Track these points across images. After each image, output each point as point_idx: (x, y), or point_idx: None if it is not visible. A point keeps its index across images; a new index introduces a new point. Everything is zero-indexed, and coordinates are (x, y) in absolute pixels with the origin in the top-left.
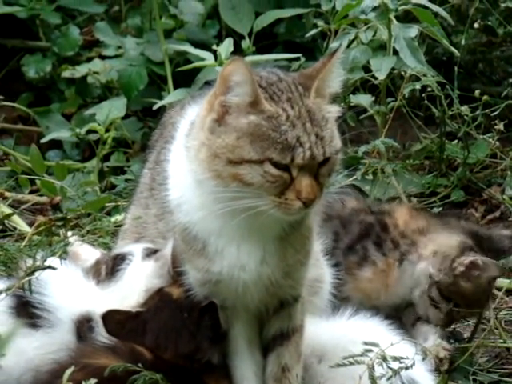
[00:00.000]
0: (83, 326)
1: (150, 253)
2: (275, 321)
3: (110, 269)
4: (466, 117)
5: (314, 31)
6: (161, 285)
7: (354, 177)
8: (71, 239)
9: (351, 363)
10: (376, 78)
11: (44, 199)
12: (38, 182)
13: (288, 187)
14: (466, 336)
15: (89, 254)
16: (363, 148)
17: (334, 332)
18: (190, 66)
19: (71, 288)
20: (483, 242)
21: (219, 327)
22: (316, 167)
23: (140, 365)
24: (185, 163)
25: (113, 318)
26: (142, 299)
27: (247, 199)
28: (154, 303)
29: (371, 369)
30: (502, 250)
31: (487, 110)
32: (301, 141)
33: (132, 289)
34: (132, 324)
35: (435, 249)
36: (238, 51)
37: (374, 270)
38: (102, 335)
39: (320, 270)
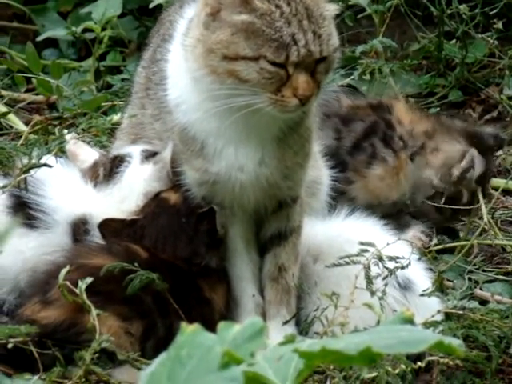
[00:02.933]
0: (79, 228)
1: (149, 155)
2: (273, 221)
3: (108, 171)
4: (464, 16)
5: None
6: (160, 188)
7: (352, 77)
8: (67, 137)
9: (347, 263)
10: None
11: (40, 98)
12: (34, 80)
13: (284, 84)
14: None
15: (87, 154)
16: (360, 48)
17: (330, 232)
18: None
19: (68, 190)
20: (481, 143)
21: (216, 232)
22: (313, 65)
23: (136, 264)
24: (182, 62)
25: (109, 226)
26: (141, 202)
27: (243, 97)
28: (150, 209)
29: (367, 268)
30: (490, 148)
31: (486, 9)
32: (296, 38)
33: (131, 192)
34: (129, 231)
35: (442, 161)
36: None
37: (385, 167)
38: (97, 238)
39: (318, 172)
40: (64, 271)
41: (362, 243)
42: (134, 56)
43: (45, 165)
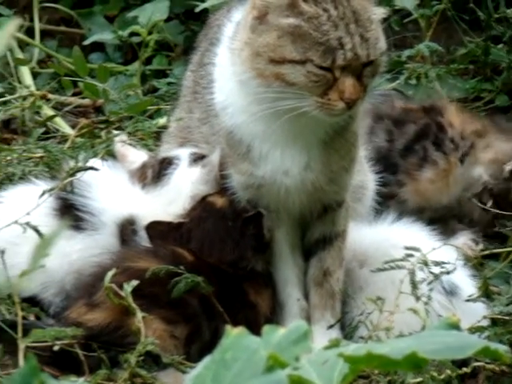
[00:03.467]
0: (126, 229)
1: (197, 158)
2: (318, 225)
3: (156, 172)
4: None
5: None
6: (207, 191)
7: (398, 81)
8: (116, 138)
9: (392, 268)
10: None
11: (87, 101)
12: (80, 84)
13: (331, 87)
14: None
15: (136, 156)
16: (407, 52)
17: (376, 237)
18: None
19: (115, 191)
20: None
21: (263, 237)
22: (360, 68)
23: (182, 267)
24: (229, 66)
25: (155, 229)
26: (188, 205)
27: (290, 100)
28: (197, 213)
29: (412, 273)
30: None
31: None
32: (343, 42)
33: (178, 194)
34: (175, 234)
35: (494, 157)
36: None
37: (436, 170)
38: (144, 239)
39: (364, 177)
40: (110, 274)
41: (407, 248)
42: (179, 60)
43: (91, 168)
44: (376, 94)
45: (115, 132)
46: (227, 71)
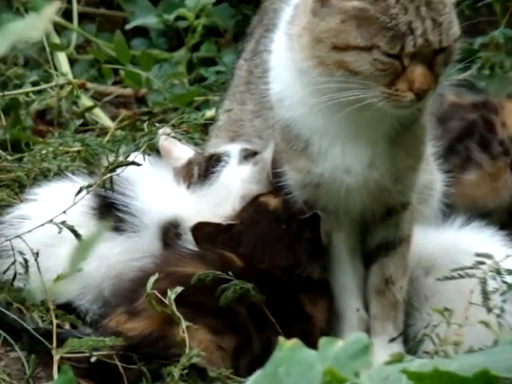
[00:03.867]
0: (170, 232)
1: (249, 155)
2: (380, 229)
3: (203, 170)
4: None
5: None
6: (259, 191)
7: (469, 71)
8: (159, 131)
9: (461, 276)
10: None
11: (128, 91)
12: (121, 72)
13: (399, 77)
14: None
15: (181, 152)
16: (480, 40)
17: (443, 242)
18: None
19: (159, 190)
20: None
21: (320, 241)
22: (431, 56)
23: (230, 273)
24: (287, 53)
25: (203, 231)
26: (238, 206)
27: (353, 90)
28: (248, 214)
29: (483, 282)
30: None
31: None
32: (413, 26)
33: (227, 194)
34: (224, 237)
35: None
36: None
37: (480, 173)
38: (190, 243)
39: (431, 176)
40: (152, 279)
41: (478, 255)
42: (229, 47)
43: (133, 163)
44: (447, 86)
45: (159, 125)
46: (284, 59)
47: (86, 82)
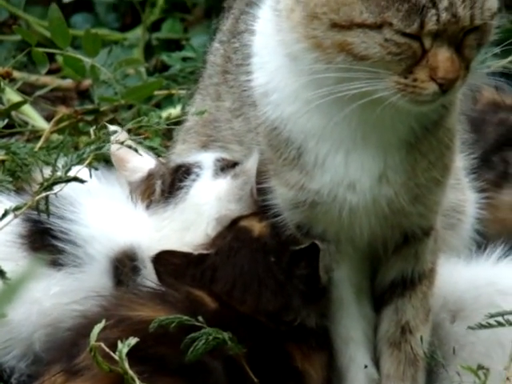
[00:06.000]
0: (124, 265)
1: (226, 166)
2: (395, 262)
3: (167, 185)
4: None
5: None
6: (239, 212)
7: (510, 58)
8: (112, 130)
9: (500, 324)
10: None
11: (67, 83)
12: (59, 58)
13: (418, 63)
14: None
15: (140, 161)
16: None
17: (475, 279)
18: None
19: (109, 212)
20: None
21: (318, 279)
22: (460, 36)
23: (200, 318)
24: (274, 34)
25: (167, 263)
26: (213, 231)
27: (359, 81)
28: (226, 242)
29: None
30: None
31: None
32: None
33: (198, 215)
34: (194, 271)
35: None
36: None
37: None
38: (150, 279)
39: (461, 196)
40: (98, 327)
41: None
42: (199, 25)
43: (75, 179)
44: (481, 76)
45: (110, 127)
46: (271, 42)
47: (11, 71)
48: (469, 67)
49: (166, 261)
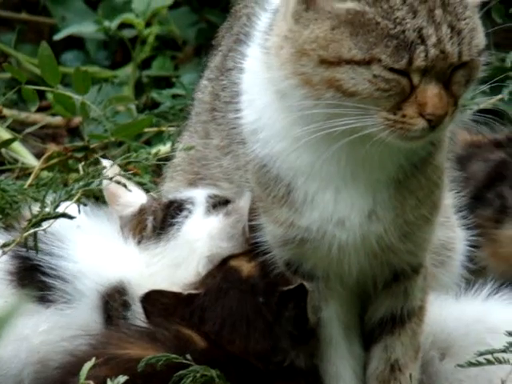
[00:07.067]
0: (114, 301)
1: (219, 203)
2: (385, 299)
3: (159, 221)
4: None
5: None
6: (231, 251)
7: (499, 96)
8: (105, 164)
9: (489, 362)
10: None
11: (57, 120)
12: (49, 95)
13: (407, 99)
14: None
15: (132, 196)
16: None
17: (465, 317)
18: None
19: (99, 247)
20: None
21: (307, 321)
22: (448, 72)
23: (188, 356)
24: (263, 71)
25: (156, 302)
26: (203, 270)
27: (348, 117)
28: (215, 282)
29: None
30: None
31: None
32: (424, 34)
33: (190, 253)
34: (184, 310)
35: None
36: None
37: None
38: (139, 316)
39: (450, 233)
40: (87, 365)
41: (510, 334)
42: (189, 63)
43: (64, 215)
44: (468, 114)
45: (103, 161)
46: (260, 79)
47: (1, 108)
48: (457, 104)
49: (155, 300)
